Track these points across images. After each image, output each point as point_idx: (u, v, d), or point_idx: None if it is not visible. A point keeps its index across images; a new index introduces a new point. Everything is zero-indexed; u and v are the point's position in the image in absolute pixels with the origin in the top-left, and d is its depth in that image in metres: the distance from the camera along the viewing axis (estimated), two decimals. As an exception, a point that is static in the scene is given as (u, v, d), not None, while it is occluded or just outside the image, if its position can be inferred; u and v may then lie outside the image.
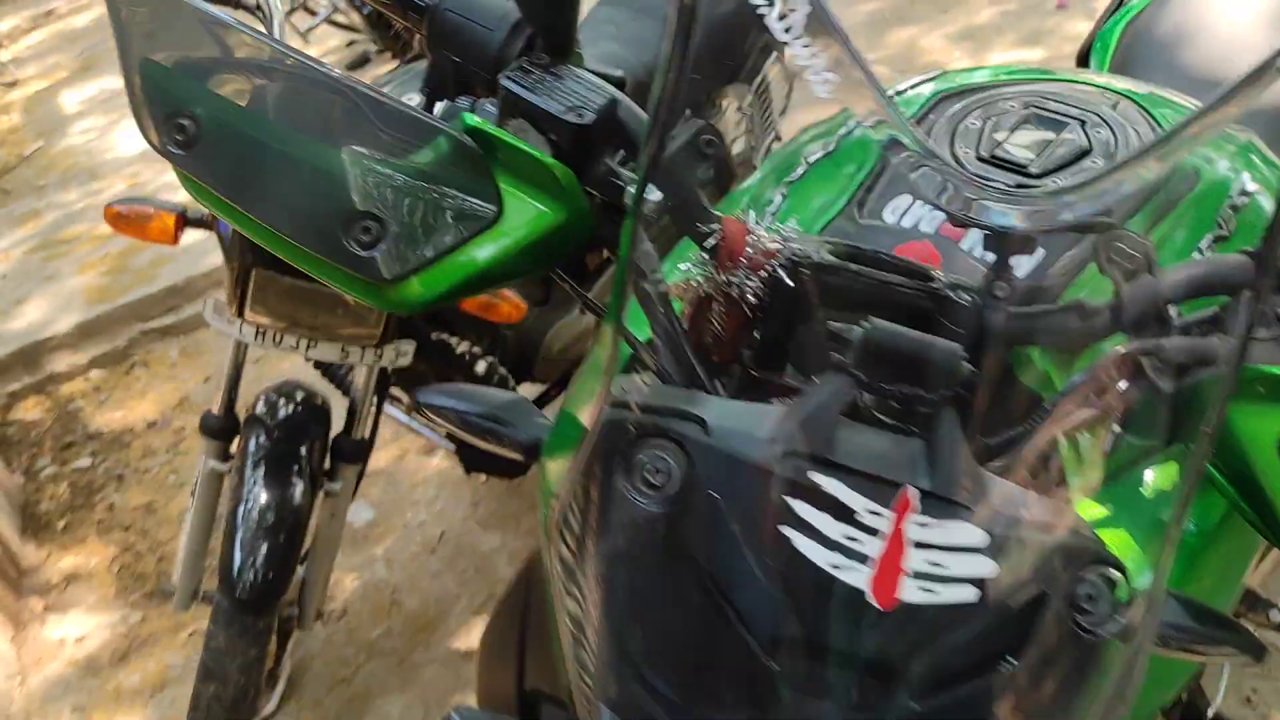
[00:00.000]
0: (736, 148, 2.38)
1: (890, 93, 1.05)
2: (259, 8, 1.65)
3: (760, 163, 2.26)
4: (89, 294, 3.59)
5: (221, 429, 1.87)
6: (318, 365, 2.18)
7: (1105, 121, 0.92)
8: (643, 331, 0.75)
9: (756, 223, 0.76)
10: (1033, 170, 0.89)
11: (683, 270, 0.81)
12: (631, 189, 0.73)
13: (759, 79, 2.47)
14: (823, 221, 0.95)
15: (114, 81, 5.92)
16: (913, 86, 1.04)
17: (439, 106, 0.77)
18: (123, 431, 3.16)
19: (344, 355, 1.79)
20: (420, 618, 2.40)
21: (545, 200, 0.70)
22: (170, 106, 0.69)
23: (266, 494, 1.76)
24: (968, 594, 0.58)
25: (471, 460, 2.26)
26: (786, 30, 0.55)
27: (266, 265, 1.61)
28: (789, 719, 0.60)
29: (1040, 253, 0.86)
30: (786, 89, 2.60)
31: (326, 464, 1.93)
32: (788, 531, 0.58)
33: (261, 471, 1.78)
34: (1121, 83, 1.01)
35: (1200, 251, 0.91)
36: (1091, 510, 0.75)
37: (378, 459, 2.65)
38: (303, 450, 1.85)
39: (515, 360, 2.21)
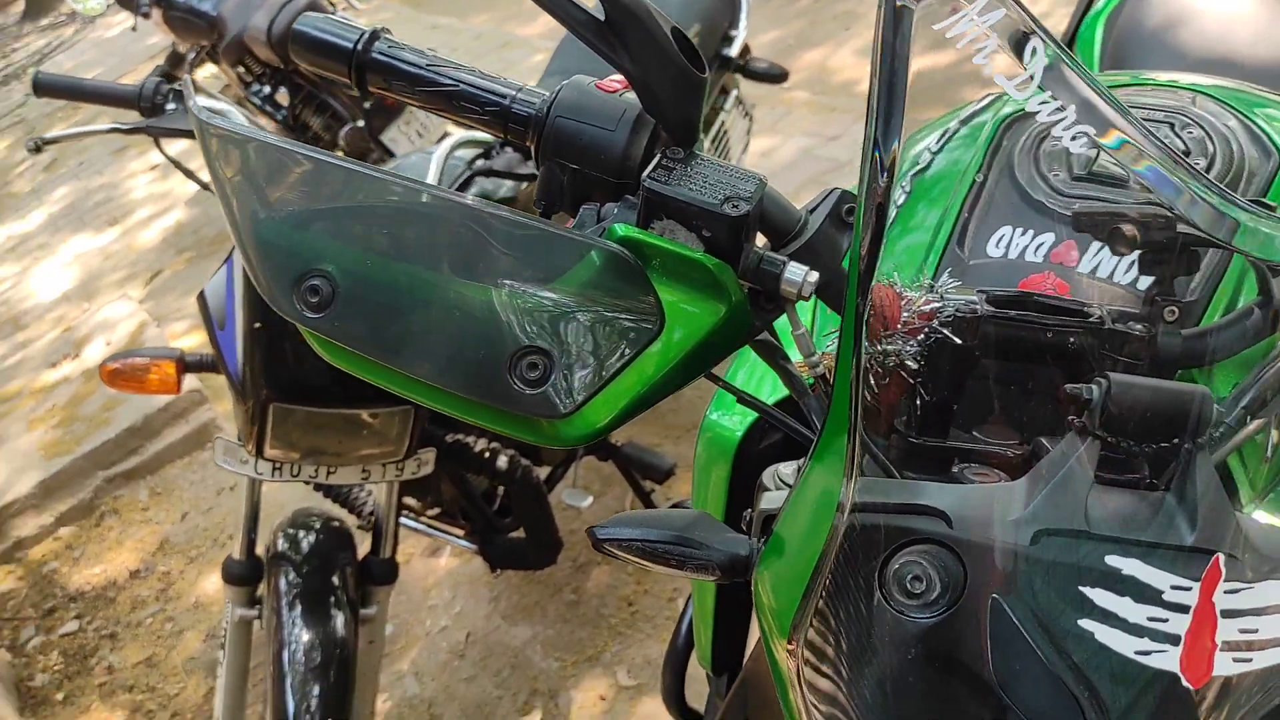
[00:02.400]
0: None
1: (952, 122, 1.02)
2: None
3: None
4: (44, 450, 3.42)
5: (246, 574, 1.78)
6: (319, 488, 2.09)
7: (1193, 120, 0.90)
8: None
9: (907, 286, 0.73)
10: None
11: (829, 348, 0.77)
12: (788, 274, 0.68)
13: (717, 125, 2.46)
14: (928, 268, 0.91)
15: (20, 227, 5.75)
16: (973, 115, 1.02)
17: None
18: (106, 587, 3.01)
19: (364, 475, 1.72)
20: (464, 727, 2.31)
21: (705, 299, 0.65)
22: (298, 267, 0.63)
23: (308, 633, 1.67)
24: None
25: (496, 558, 2.19)
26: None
27: (284, 398, 1.53)
28: None
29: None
30: (746, 130, 2.58)
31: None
32: (1089, 625, 0.53)
33: (299, 610, 1.69)
34: (1186, 78, 0.99)
35: None
36: None
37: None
38: (335, 580, 1.77)
39: (518, 446, 2.15)
